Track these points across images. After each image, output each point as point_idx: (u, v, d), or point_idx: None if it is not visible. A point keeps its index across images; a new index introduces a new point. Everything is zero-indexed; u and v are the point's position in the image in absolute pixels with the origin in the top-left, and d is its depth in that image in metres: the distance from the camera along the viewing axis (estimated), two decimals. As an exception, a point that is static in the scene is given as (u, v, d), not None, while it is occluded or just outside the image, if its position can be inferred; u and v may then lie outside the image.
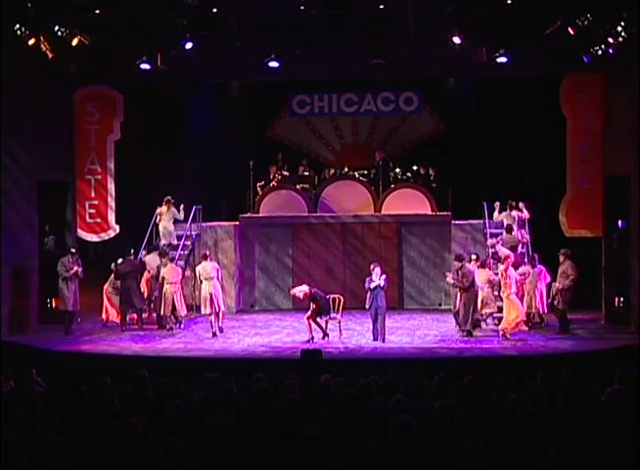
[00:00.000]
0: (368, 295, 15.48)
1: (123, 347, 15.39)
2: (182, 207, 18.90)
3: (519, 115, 19.24)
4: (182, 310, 17.12)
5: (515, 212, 18.27)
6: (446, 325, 16.99)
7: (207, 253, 17.44)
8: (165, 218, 18.88)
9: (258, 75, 18.46)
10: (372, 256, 19.35)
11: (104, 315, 17.66)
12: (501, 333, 15.54)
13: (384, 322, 15.44)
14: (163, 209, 18.84)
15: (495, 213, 18.60)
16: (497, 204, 18.56)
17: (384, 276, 15.48)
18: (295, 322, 17.29)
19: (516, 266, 16.40)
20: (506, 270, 15.69)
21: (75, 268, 16.73)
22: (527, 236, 18.02)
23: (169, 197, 18.86)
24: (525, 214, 18.26)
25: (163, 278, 16.93)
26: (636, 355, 12.61)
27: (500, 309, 16.23)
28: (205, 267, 16.69)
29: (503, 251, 16.72)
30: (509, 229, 17.78)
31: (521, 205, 18.28)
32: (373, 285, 15.39)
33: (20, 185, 17.20)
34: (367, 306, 15.56)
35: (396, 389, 8.80)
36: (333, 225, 20.23)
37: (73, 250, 17.14)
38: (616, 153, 17.56)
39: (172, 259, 17.44)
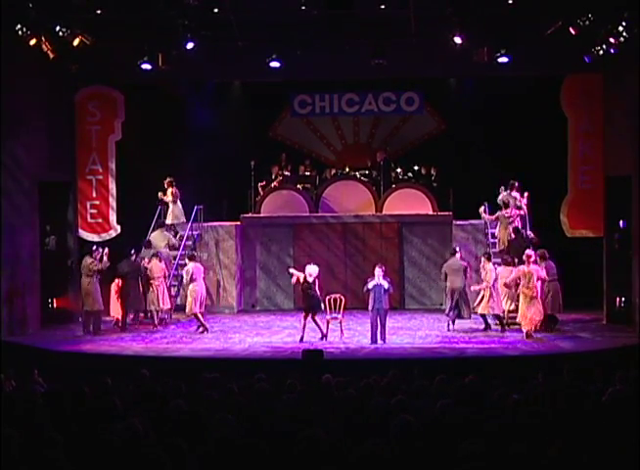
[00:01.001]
0: (371, 296, 15.28)
1: (124, 347, 15.39)
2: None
3: (520, 115, 19.21)
4: (165, 305, 17.40)
5: (515, 193, 18.07)
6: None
7: (194, 253, 17.78)
8: (171, 200, 18.92)
9: (259, 76, 18.47)
10: (373, 256, 19.35)
11: (112, 313, 17.67)
12: (525, 333, 15.41)
13: (384, 323, 15.40)
14: (168, 191, 18.91)
15: (500, 196, 18.23)
16: (502, 189, 18.24)
17: (388, 279, 15.40)
18: (296, 322, 17.26)
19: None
20: (534, 265, 15.51)
21: (105, 258, 16.73)
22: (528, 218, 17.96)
23: (170, 179, 18.96)
24: (524, 201, 18.05)
25: (147, 274, 17.13)
26: (637, 355, 12.60)
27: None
28: (194, 268, 16.90)
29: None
30: (505, 205, 17.82)
31: (526, 194, 18.04)
32: (370, 284, 15.26)
33: (21, 185, 17.20)
34: (370, 308, 15.33)
35: (397, 389, 8.80)
36: (334, 225, 20.22)
37: (95, 247, 17.13)
38: (616, 153, 17.56)
39: (156, 255, 17.50)
